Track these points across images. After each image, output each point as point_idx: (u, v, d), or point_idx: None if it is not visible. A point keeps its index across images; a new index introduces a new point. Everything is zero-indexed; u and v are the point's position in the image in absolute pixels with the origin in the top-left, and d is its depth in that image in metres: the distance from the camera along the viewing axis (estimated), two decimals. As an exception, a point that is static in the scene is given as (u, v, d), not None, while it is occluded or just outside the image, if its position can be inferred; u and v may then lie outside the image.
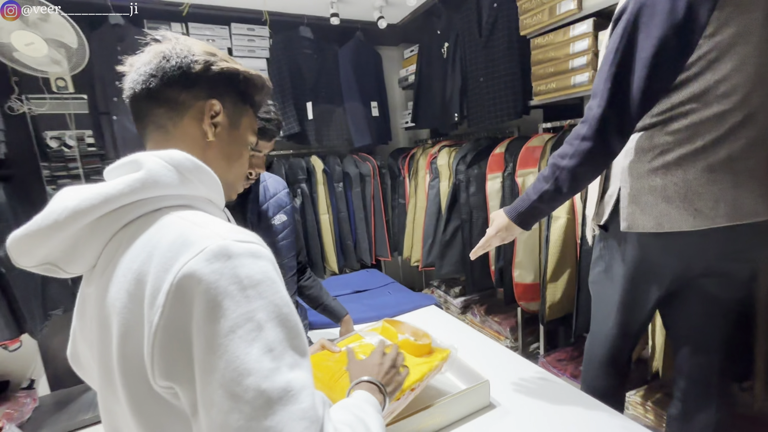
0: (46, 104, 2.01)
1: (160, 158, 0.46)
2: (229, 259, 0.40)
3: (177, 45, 0.52)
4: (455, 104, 2.14)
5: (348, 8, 2.37)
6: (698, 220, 0.79)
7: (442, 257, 2.16)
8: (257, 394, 0.37)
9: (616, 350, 1.00)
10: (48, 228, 0.43)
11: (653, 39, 0.74)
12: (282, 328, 0.41)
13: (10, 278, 1.75)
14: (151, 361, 0.40)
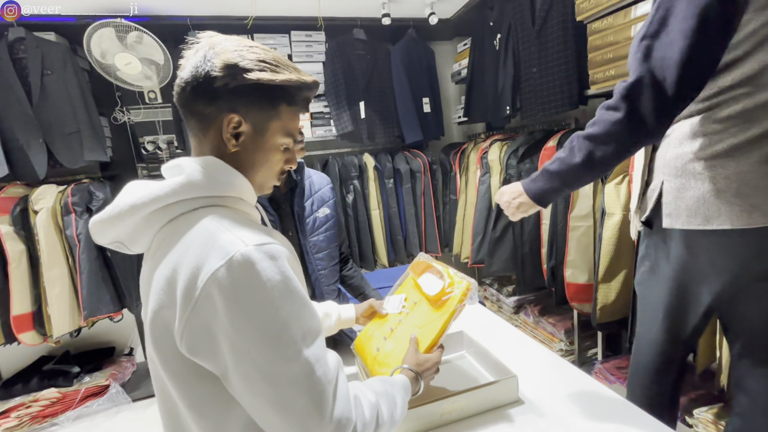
0: (141, 114, 2.36)
1: (197, 164, 0.55)
2: (251, 264, 0.48)
3: (208, 53, 0.55)
4: (507, 97, 2.07)
5: (399, 7, 2.41)
6: (755, 216, 0.71)
7: (492, 255, 2.12)
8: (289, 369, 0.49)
9: (665, 357, 0.92)
10: (114, 217, 0.54)
11: (694, 6, 0.67)
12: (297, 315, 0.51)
13: (114, 261, 2.10)
14: (180, 339, 0.50)
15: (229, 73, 0.54)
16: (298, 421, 0.49)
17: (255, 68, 0.54)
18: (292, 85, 0.57)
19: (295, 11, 2.32)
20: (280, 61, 0.58)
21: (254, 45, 0.58)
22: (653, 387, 0.96)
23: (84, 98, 2.04)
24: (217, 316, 0.48)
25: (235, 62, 0.54)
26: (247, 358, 0.48)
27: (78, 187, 2.04)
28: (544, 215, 1.81)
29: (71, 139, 2.02)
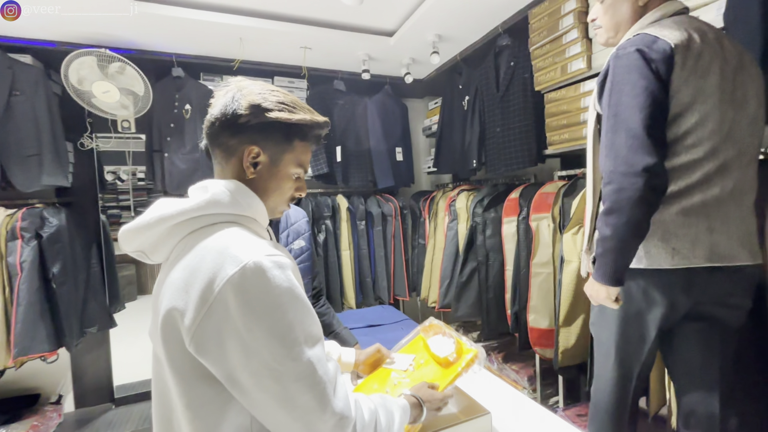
0: (111, 142, 2.31)
1: (223, 186, 0.62)
2: (262, 271, 0.54)
3: (235, 94, 0.63)
4: (474, 152, 2.26)
5: (378, 65, 2.63)
6: (676, 259, 0.83)
7: (459, 299, 2.18)
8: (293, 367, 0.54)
9: (620, 395, 0.98)
10: (142, 227, 0.59)
11: (639, 87, 0.83)
12: (301, 320, 0.56)
13: (59, 294, 1.93)
14: (191, 337, 0.53)
15: (253, 112, 0.62)
16: (302, 416, 0.54)
17: (275, 108, 0.63)
18: (305, 124, 0.66)
19: (281, 59, 2.46)
20: (296, 103, 0.67)
21: (276, 89, 0.67)
22: (612, 427, 1.01)
23: (51, 122, 1.98)
24: (229, 317, 0.52)
25: (258, 103, 0.63)
26: (257, 356, 0.53)
27: (30, 212, 1.91)
28: (507, 261, 1.92)
29: (30, 162, 1.93)
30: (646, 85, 0.83)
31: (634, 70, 0.84)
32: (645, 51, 0.84)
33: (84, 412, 2.33)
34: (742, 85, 0.89)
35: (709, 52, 0.86)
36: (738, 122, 0.88)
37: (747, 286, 0.92)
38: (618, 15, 0.97)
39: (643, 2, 0.95)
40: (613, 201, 0.84)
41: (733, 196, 0.87)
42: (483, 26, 2.14)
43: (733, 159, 0.87)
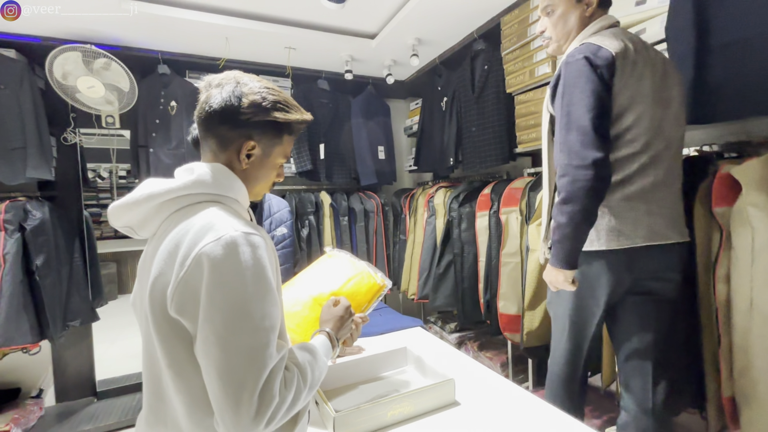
0: (94, 138, 2.33)
1: (208, 168, 0.68)
2: (235, 246, 0.59)
3: (234, 88, 0.67)
4: (451, 150, 2.38)
5: (361, 66, 2.73)
6: (621, 239, 0.95)
7: (436, 290, 2.29)
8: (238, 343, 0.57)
9: (572, 365, 1.10)
10: (131, 204, 0.65)
11: (587, 90, 0.94)
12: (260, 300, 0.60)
13: (43, 286, 1.95)
14: (171, 299, 0.59)
15: (253, 111, 0.68)
16: (235, 390, 0.55)
17: (273, 108, 0.70)
18: (295, 122, 0.73)
19: (266, 58, 2.52)
20: (289, 102, 0.73)
21: (272, 87, 0.72)
22: (565, 394, 1.12)
23: (36, 115, 2.00)
24: (202, 281, 0.58)
25: (259, 102, 0.68)
26: (210, 322, 0.57)
27: (13, 204, 1.93)
28: (480, 253, 2.04)
29: (14, 155, 1.95)
30: (593, 88, 0.94)
31: (582, 75, 0.96)
32: (591, 58, 0.95)
33: (66, 406, 2.34)
34: (668, 88, 1.03)
35: (642, 59, 0.98)
36: (665, 120, 1.01)
37: (677, 262, 1.05)
38: (568, 25, 1.09)
39: (589, 14, 1.08)
40: (567, 191, 0.95)
41: (665, 183, 1.00)
42: (460, 31, 2.26)
43: (662, 151, 1.00)
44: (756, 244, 0.99)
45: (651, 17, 1.37)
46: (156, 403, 0.65)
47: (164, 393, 0.64)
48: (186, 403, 0.61)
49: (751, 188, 0.99)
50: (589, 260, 1.02)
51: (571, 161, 0.94)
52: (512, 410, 1.00)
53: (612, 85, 0.97)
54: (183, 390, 0.61)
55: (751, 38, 1.05)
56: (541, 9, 1.14)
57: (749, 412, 1.00)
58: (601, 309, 1.04)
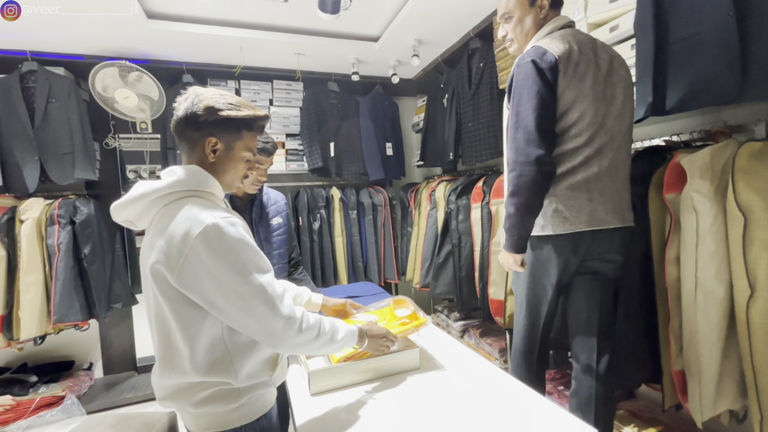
0: (131, 142, 2.63)
1: (184, 170, 0.83)
2: (218, 227, 0.76)
3: (194, 99, 0.82)
4: (451, 145, 2.48)
5: (367, 67, 2.88)
6: (566, 225, 1.06)
7: (437, 278, 2.41)
8: (239, 294, 0.76)
9: (530, 338, 1.21)
10: (129, 202, 0.81)
11: (533, 92, 1.05)
12: (250, 255, 0.79)
13: (90, 272, 2.26)
14: (174, 277, 0.76)
15: (208, 112, 0.82)
16: (261, 320, 0.78)
17: (225, 108, 0.84)
18: (249, 118, 0.86)
19: (277, 64, 2.73)
20: (242, 102, 0.87)
21: (225, 94, 0.87)
22: (525, 366, 1.23)
23: (82, 124, 2.31)
24: (200, 261, 0.74)
25: (212, 105, 0.83)
26: (224, 284, 0.75)
27: (65, 201, 2.25)
28: (476, 243, 2.14)
29: (64, 159, 2.26)
30: (538, 90, 1.04)
31: (529, 78, 1.05)
32: (537, 62, 1.05)
33: (111, 378, 2.68)
34: (612, 86, 1.11)
35: (584, 61, 1.07)
36: (608, 115, 1.09)
37: (619, 245, 1.14)
38: (525, 28, 1.19)
39: (543, 15, 1.17)
40: (514, 185, 1.06)
41: (609, 172, 1.09)
42: (457, 31, 2.36)
43: (606, 144, 1.08)
44: (700, 228, 1.06)
45: (623, 13, 1.43)
46: (166, 352, 0.83)
47: (172, 343, 0.81)
48: (190, 347, 0.78)
49: (695, 176, 1.06)
50: (541, 244, 1.12)
51: (518, 158, 1.05)
52: (471, 376, 1.12)
53: (556, 86, 1.06)
54: (188, 337, 0.78)
55: (702, 32, 1.10)
56: (500, 17, 1.25)
57: (693, 384, 1.07)
58: (553, 287, 1.14)
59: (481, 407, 0.96)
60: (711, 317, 1.05)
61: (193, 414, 0.82)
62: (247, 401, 0.83)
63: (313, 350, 0.88)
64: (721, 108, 1.39)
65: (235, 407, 0.82)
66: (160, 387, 0.84)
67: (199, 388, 0.80)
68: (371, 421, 0.93)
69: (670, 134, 1.42)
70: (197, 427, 0.83)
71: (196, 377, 0.79)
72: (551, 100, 1.06)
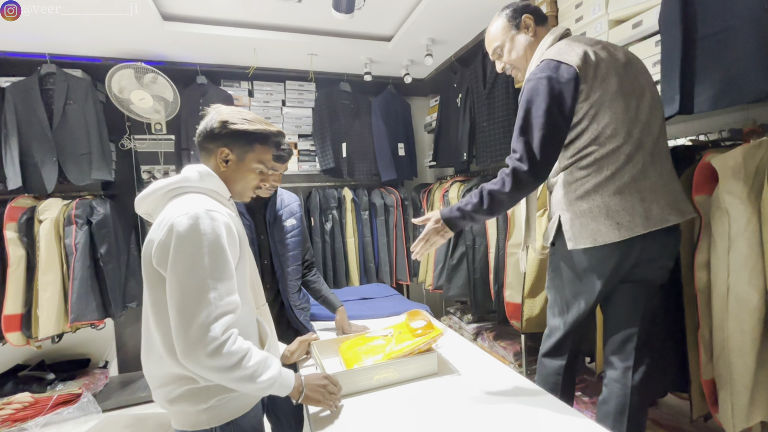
0: (146, 143, 2.66)
1: (195, 169, 0.90)
2: (197, 218, 0.79)
3: (214, 115, 0.92)
4: (465, 146, 2.45)
5: (380, 67, 2.86)
6: (622, 231, 0.99)
7: (450, 280, 2.38)
8: (190, 287, 0.76)
9: (564, 347, 1.17)
10: (145, 196, 0.89)
11: (541, 109, 1.01)
12: (212, 257, 0.79)
13: (105, 272, 2.28)
14: (153, 255, 0.80)
15: (222, 125, 0.91)
16: (183, 322, 0.75)
17: (238, 122, 0.92)
18: (260, 133, 0.94)
19: (290, 64, 2.73)
20: (257, 119, 0.95)
21: (242, 111, 0.95)
22: (553, 373, 1.19)
23: (98, 125, 2.34)
24: (172, 242, 0.78)
25: (226, 119, 0.92)
26: (174, 271, 0.77)
27: (82, 202, 2.28)
28: (491, 245, 2.10)
29: (82, 160, 2.29)
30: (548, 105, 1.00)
31: (540, 93, 1.01)
32: (552, 77, 1.01)
33: (126, 376, 2.71)
34: (636, 78, 1.06)
35: (604, 60, 1.03)
36: (640, 107, 1.04)
37: (674, 248, 1.07)
38: (520, 52, 1.17)
39: (532, 34, 1.16)
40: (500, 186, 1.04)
41: (654, 166, 1.03)
42: (471, 29, 2.32)
43: (645, 136, 1.03)
44: (732, 231, 1.01)
45: (647, 9, 1.38)
46: (146, 335, 0.86)
47: (149, 327, 0.84)
48: (162, 334, 0.80)
49: (727, 176, 1.01)
50: (592, 254, 1.05)
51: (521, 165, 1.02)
52: (489, 382, 1.10)
53: (577, 96, 1.02)
54: (161, 323, 0.80)
55: (732, 28, 1.06)
56: (492, 54, 1.23)
57: (725, 394, 1.03)
58: (596, 297, 1.08)
59: (503, 414, 0.93)
60: (744, 325, 1.00)
61: (170, 410, 0.86)
62: (216, 403, 0.84)
63: (228, 382, 0.80)
64: (750, 106, 1.33)
65: (204, 408, 0.83)
66: (149, 376, 0.87)
67: (173, 384, 0.82)
68: (390, 426, 0.91)
69: (697, 133, 1.37)
70: (176, 424, 0.86)
71: (171, 365, 0.80)
72: (560, 119, 1.02)
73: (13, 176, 2.13)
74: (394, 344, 1.18)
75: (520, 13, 1.17)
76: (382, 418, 0.94)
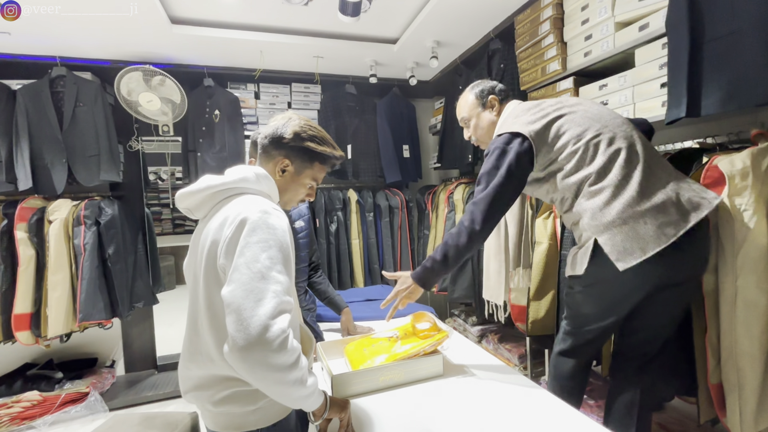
0: (153, 144, 2.68)
1: (253, 171, 0.89)
2: (266, 213, 0.79)
3: (286, 123, 0.93)
4: (469, 147, 2.45)
5: (385, 69, 2.87)
6: (651, 245, 0.95)
7: (454, 282, 2.38)
8: (258, 271, 0.73)
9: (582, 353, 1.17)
10: (195, 191, 0.86)
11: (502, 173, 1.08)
12: (280, 251, 0.78)
13: (113, 272, 2.31)
14: (221, 251, 0.78)
15: (293, 137, 0.92)
16: (246, 310, 0.69)
17: (308, 139, 0.93)
18: (325, 154, 0.95)
19: (296, 67, 2.75)
20: (324, 138, 0.96)
21: (314, 126, 0.96)
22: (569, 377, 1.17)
23: (107, 127, 2.37)
24: (241, 234, 0.76)
25: (298, 132, 0.92)
26: (243, 255, 0.74)
27: (91, 203, 2.31)
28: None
29: (90, 161, 2.32)
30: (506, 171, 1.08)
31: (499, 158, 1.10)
32: (506, 149, 1.10)
33: (133, 375, 2.73)
34: (592, 105, 1.15)
35: (552, 104, 1.14)
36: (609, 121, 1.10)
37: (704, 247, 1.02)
38: (484, 126, 1.35)
39: (497, 112, 1.33)
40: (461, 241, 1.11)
41: (651, 170, 1.02)
42: (477, 32, 2.33)
43: (630, 145, 1.04)
44: (739, 234, 1.01)
45: (654, 11, 1.38)
46: (194, 337, 0.85)
47: (200, 329, 0.83)
48: (215, 338, 0.80)
49: (735, 179, 1.01)
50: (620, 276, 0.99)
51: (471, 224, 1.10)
52: (495, 384, 1.10)
53: (534, 155, 1.10)
54: (216, 327, 0.80)
55: (740, 31, 1.05)
56: (460, 121, 1.41)
57: (733, 398, 1.02)
58: (626, 312, 1.06)
59: (508, 416, 0.93)
60: (752, 329, 1.00)
61: (212, 412, 0.83)
62: (264, 404, 0.83)
63: (278, 383, 0.72)
64: (758, 109, 1.33)
65: (252, 409, 0.82)
66: (186, 377, 0.85)
67: (220, 386, 0.81)
68: (398, 428, 0.91)
69: (703, 136, 1.36)
70: (215, 426, 0.84)
71: (223, 368, 0.80)
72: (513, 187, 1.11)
73: (23, 177, 2.16)
74: (399, 345, 1.19)
75: (486, 94, 1.35)
76: (388, 418, 0.95)
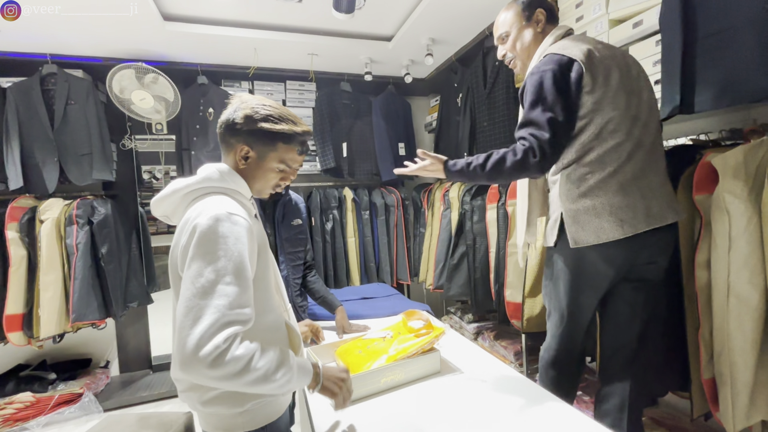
0: (147, 143, 2.66)
1: (216, 168, 0.85)
2: (218, 220, 0.75)
3: (238, 105, 0.86)
4: (465, 145, 2.45)
5: (380, 67, 2.86)
6: (625, 228, 0.99)
7: (450, 280, 2.38)
8: (201, 286, 0.71)
9: (567, 350, 1.17)
10: (164, 197, 0.84)
11: (551, 96, 1.01)
12: (230, 260, 0.74)
13: (107, 271, 2.29)
14: (179, 259, 0.77)
15: (245, 121, 0.85)
16: (186, 327, 0.68)
17: (261, 120, 0.85)
18: (284, 133, 0.87)
19: (291, 64, 2.73)
20: (282, 115, 0.87)
21: (269, 104, 0.87)
22: (557, 376, 1.19)
23: (99, 126, 2.34)
24: (192, 244, 0.75)
25: (250, 115, 0.85)
26: (189, 269, 0.73)
27: (83, 202, 2.28)
28: (491, 244, 2.11)
29: (83, 160, 2.29)
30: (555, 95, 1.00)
31: (546, 84, 1.01)
32: (556, 70, 1.01)
33: (127, 376, 2.71)
34: (636, 78, 1.07)
35: (606, 58, 1.03)
36: (640, 106, 1.05)
37: (670, 243, 1.07)
38: (525, 43, 1.18)
39: (540, 29, 1.17)
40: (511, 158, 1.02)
41: (651, 166, 1.03)
42: (472, 29, 2.33)
43: (643, 136, 1.04)
44: (733, 230, 1.01)
45: (648, 8, 1.38)
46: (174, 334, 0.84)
47: None
48: None
49: (728, 176, 1.02)
50: (591, 253, 1.04)
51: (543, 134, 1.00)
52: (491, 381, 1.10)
53: (580, 90, 1.02)
54: None
55: (733, 28, 1.06)
56: (497, 38, 1.23)
57: (725, 393, 1.03)
58: (599, 297, 1.08)
59: (504, 413, 0.93)
60: (745, 324, 1.00)
61: (202, 413, 0.83)
62: (252, 407, 0.82)
63: (235, 387, 0.72)
64: (751, 105, 1.34)
65: (239, 411, 0.81)
66: (177, 378, 0.84)
67: (207, 386, 0.79)
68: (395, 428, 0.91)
69: (697, 133, 1.37)
70: (206, 426, 0.84)
71: None
72: (567, 112, 1.01)
73: (14, 176, 2.14)
74: (396, 345, 1.18)
75: (534, 6, 1.17)
76: (388, 420, 0.94)
